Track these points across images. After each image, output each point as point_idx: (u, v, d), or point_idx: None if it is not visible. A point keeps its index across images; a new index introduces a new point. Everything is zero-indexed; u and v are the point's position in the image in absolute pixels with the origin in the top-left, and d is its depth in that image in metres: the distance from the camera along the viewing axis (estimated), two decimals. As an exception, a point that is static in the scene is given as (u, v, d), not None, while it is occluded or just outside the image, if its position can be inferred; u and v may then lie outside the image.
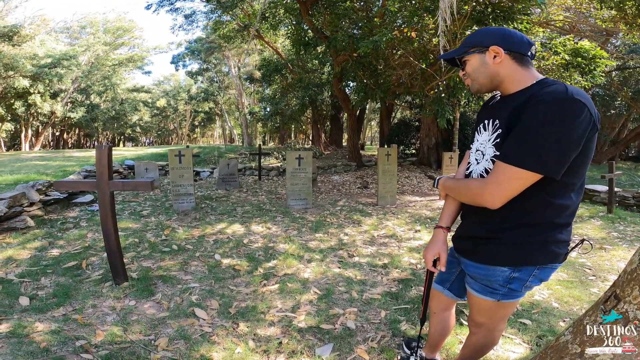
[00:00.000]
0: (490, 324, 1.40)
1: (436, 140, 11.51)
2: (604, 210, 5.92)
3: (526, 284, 1.21)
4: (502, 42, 1.16)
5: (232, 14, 12.46)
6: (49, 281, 2.83)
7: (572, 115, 0.99)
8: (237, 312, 2.44)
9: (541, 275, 1.20)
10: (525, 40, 1.17)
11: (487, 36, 1.20)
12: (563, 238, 1.16)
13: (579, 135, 1.00)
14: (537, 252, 1.15)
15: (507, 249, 1.18)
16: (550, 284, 3.00)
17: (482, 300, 1.31)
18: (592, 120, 1.02)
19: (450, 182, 1.36)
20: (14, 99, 19.47)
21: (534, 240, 1.14)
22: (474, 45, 1.22)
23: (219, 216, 5.12)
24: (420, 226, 4.86)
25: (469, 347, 1.54)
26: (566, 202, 1.12)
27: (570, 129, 0.99)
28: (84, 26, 25.31)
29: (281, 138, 21.84)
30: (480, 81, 1.23)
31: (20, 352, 1.89)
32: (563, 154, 1.01)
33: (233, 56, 21.68)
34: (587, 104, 1.01)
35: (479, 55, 1.21)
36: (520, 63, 1.16)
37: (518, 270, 1.19)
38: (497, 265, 1.21)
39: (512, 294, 1.25)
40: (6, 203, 3.93)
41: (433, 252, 1.39)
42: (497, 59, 1.17)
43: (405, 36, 5.88)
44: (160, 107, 34.16)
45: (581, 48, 6.21)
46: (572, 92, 1.01)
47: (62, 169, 7.37)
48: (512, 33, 1.18)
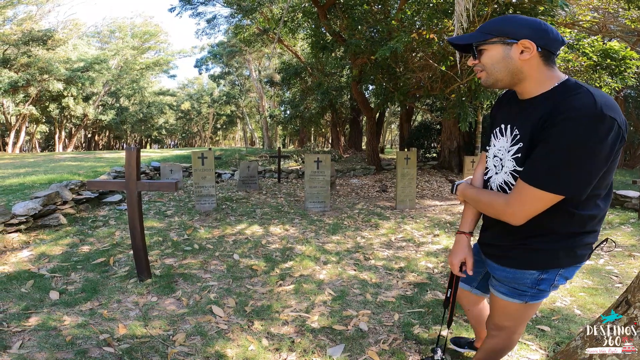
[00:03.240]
0: (513, 327, 1.40)
1: (458, 144, 11.32)
2: (635, 217, 5.67)
3: (553, 283, 1.21)
4: (536, 37, 1.02)
5: (252, 18, 12.72)
6: (79, 276, 2.99)
7: (602, 134, 0.91)
8: (252, 311, 2.51)
9: (566, 274, 1.21)
10: (560, 38, 1.05)
11: (517, 26, 1.04)
12: (590, 241, 1.16)
13: (607, 153, 0.95)
14: (564, 256, 1.15)
15: (535, 254, 1.17)
16: (574, 291, 2.91)
17: (509, 303, 1.30)
18: (621, 134, 0.96)
19: (470, 191, 1.32)
20: (48, 102, 20.53)
21: (561, 247, 1.14)
22: (499, 33, 1.06)
23: (239, 217, 5.24)
24: (439, 230, 4.81)
25: (486, 350, 1.52)
26: (593, 212, 1.09)
27: (599, 149, 0.93)
28: (113, 31, 26.42)
29: (301, 141, 22.00)
30: (497, 76, 1.11)
31: (46, 345, 2.01)
32: (591, 175, 0.97)
33: (253, 60, 22.08)
34: (616, 117, 0.93)
35: (503, 47, 1.06)
36: (547, 62, 1.05)
37: (546, 272, 1.19)
38: (526, 269, 1.20)
39: (540, 295, 1.25)
40: (41, 201, 4.17)
41: (459, 257, 1.39)
42: (526, 55, 1.03)
43: (425, 39, 5.84)
44: (185, 110, 35.14)
45: (610, 49, 5.99)
46: (602, 105, 0.92)
47: (94, 169, 7.72)
48: (548, 27, 1.04)
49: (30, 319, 2.27)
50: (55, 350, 1.97)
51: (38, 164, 8.90)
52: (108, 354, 1.95)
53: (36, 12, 19.45)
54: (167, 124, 36.38)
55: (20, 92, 18.34)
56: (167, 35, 28.40)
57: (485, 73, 1.13)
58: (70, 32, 21.93)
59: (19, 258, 3.31)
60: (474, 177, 1.41)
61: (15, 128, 20.54)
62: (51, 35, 18.54)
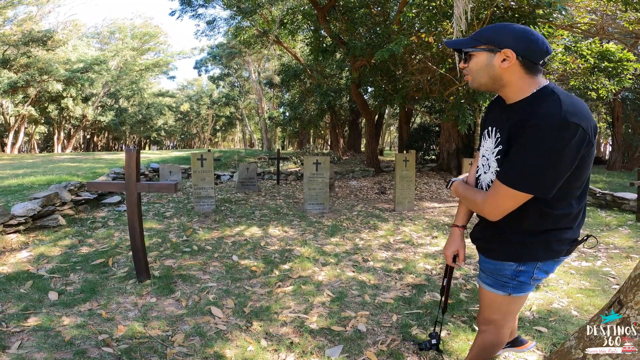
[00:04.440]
0: (500, 321, 1.44)
1: (456, 146, 11.34)
2: (632, 219, 5.69)
3: (533, 276, 1.28)
4: (517, 47, 1.08)
5: (252, 19, 12.76)
6: (78, 277, 2.99)
7: (566, 140, 1.00)
8: (251, 312, 2.52)
9: (545, 267, 1.27)
10: (544, 49, 1.09)
11: (502, 35, 1.11)
12: (567, 237, 1.21)
13: (572, 157, 1.03)
14: (540, 250, 1.23)
15: (513, 248, 1.26)
16: (572, 292, 2.93)
17: (494, 295, 1.37)
18: (587, 138, 1.03)
19: (460, 188, 1.41)
20: (47, 103, 20.52)
21: (536, 241, 1.22)
22: (486, 41, 1.13)
23: (238, 219, 5.25)
24: (437, 232, 4.82)
25: (478, 346, 1.55)
26: (566, 211, 1.16)
27: (562, 153, 1.01)
28: (113, 32, 26.44)
29: (300, 143, 22.04)
30: (480, 81, 1.19)
31: (45, 345, 2.01)
32: (556, 176, 1.05)
33: (253, 61, 22.11)
34: (581, 123, 1.00)
35: (487, 54, 1.13)
36: (528, 70, 1.11)
37: (524, 264, 1.26)
38: (504, 260, 1.29)
39: (521, 287, 1.31)
40: (40, 202, 4.17)
41: (452, 249, 1.48)
42: (506, 63, 1.10)
43: (423, 41, 5.88)
44: (184, 112, 35.17)
45: (607, 51, 6.03)
46: (566, 112, 1.00)
47: (92, 170, 7.73)
48: (534, 38, 1.09)
49: (29, 319, 2.28)
50: (54, 351, 1.97)
51: (37, 165, 8.89)
52: (107, 354, 1.96)
53: (36, 12, 19.47)
54: (166, 126, 36.40)
55: (19, 93, 18.34)
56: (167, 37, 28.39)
57: (471, 77, 1.22)
58: (70, 33, 21.94)
59: (18, 259, 3.32)
60: (469, 176, 1.48)
61: (14, 129, 20.52)
62: (51, 35, 18.56)
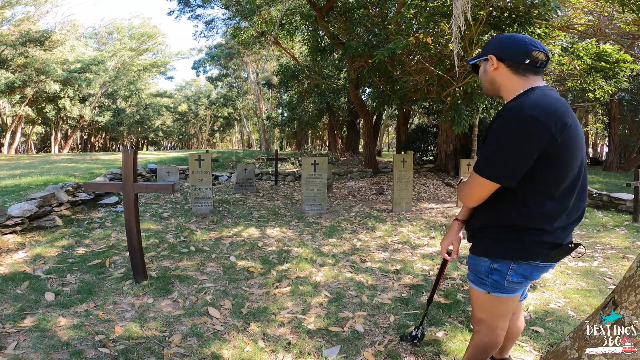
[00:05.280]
0: (489, 321, 1.45)
1: (454, 147, 11.37)
2: (629, 219, 5.72)
3: (507, 277, 1.29)
4: (496, 51, 1.24)
5: (250, 20, 12.76)
6: (74, 278, 2.98)
7: (519, 129, 1.09)
8: (248, 312, 2.51)
9: (521, 270, 1.27)
10: (523, 49, 1.19)
11: (489, 45, 1.29)
12: (544, 240, 1.22)
13: (529, 147, 1.09)
14: (510, 248, 1.26)
15: (487, 243, 1.32)
16: (568, 293, 2.94)
17: (476, 292, 1.42)
18: (549, 133, 1.08)
19: (461, 184, 1.47)
20: (44, 103, 20.44)
21: (508, 238, 1.26)
22: (483, 53, 1.31)
23: (236, 219, 5.24)
24: (435, 233, 4.83)
25: (473, 347, 1.57)
26: (537, 209, 1.19)
27: (518, 143, 1.09)
28: (111, 32, 26.36)
29: (298, 143, 22.04)
30: (485, 85, 1.35)
31: (41, 346, 2.00)
32: (513, 164, 1.12)
33: (251, 62, 22.12)
34: (539, 116, 1.07)
35: (483, 63, 1.32)
36: (515, 71, 1.21)
37: (496, 262, 1.30)
38: (479, 255, 1.36)
39: (497, 286, 1.33)
40: (36, 203, 4.16)
41: (447, 241, 1.52)
42: (492, 67, 1.26)
43: (421, 42, 5.88)
44: (182, 112, 35.10)
45: (604, 52, 6.05)
46: (526, 106, 1.09)
47: (90, 171, 7.70)
48: (510, 42, 1.22)
49: (26, 320, 2.27)
50: (50, 351, 1.96)
51: (34, 166, 8.86)
52: (104, 355, 1.95)
53: (34, 12, 19.38)
54: (164, 126, 36.30)
55: (16, 93, 18.25)
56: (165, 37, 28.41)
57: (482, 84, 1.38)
58: (67, 33, 21.86)
59: (15, 259, 3.30)
60: None
61: (11, 129, 20.43)
62: (49, 36, 18.48)
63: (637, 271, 0.95)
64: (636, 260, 0.98)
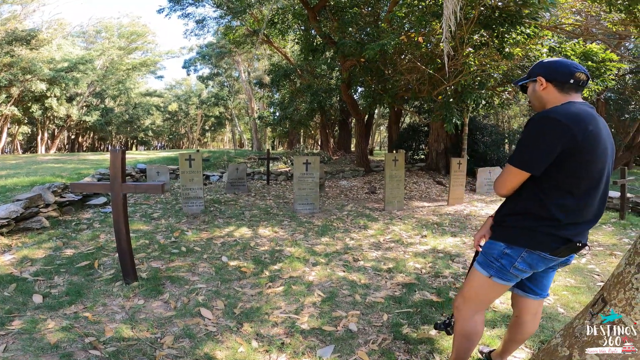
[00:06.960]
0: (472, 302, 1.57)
1: (445, 146, 11.45)
2: (616, 217, 5.83)
3: (515, 264, 1.43)
4: (545, 73, 1.44)
5: (242, 19, 12.66)
6: (62, 280, 2.92)
7: (545, 128, 1.31)
8: (241, 313, 2.49)
9: (529, 259, 1.41)
10: (566, 71, 1.40)
11: (538, 68, 1.48)
12: (557, 233, 1.36)
13: (551, 142, 1.29)
14: (522, 236, 1.41)
15: (505, 229, 1.49)
16: (557, 290, 2.98)
17: (478, 273, 1.55)
18: (569, 134, 1.26)
19: None
20: (31, 103, 20.01)
21: (521, 226, 1.42)
22: (531, 74, 1.50)
23: (227, 219, 5.20)
24: (427, 231, 4.86)
25: (457, 333, 1.67)
26: (558, 202, 1.34)
27: (541, 137, 1.31)
28: (99, 31, 25.92)
29: (290, 143, 21.97)
30: (534, 103, 1.54)
31: (30, 348, 1.96)
32: (538, 155, 1.32)
33: (243, 61, 21.96)
34: (561, 119, 1.27)
35: (532, 84, 1.51)
36: (560, 89, 1.41)
37: (510, 247, 1.44)
38: (496, 240, 1.51)
39: (501, 271, 1.46)
40: (22, 204, 4.07)
41: (480, 234, 1.64)
42: (541, 87, 1.45)
43: (413, 41, 5.91)
44: (172, 112, 34.70)
45: (590, 51, 6.15)
46: (554, 112, 1.31)
47: (77, 171, 7.56)
48: (557, 65, 1.43)
49: (14, 322, 2.22)
50: (39, 354, 1.93)
51: (20, 166, 8.67)
52: (94, 357, 1.92)
53: (20, 11, 18.95)
54: (154, 126, 35.84)
55: (2, 93, 17.84)
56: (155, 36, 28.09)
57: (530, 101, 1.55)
58: (54, 32, 21.41)
59: (1, 261, 3.22)
60: None
61: (-4, 129, 19.96)
62: (35, 35, 18.10)
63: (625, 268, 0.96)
64: (624, 257, 1.00)
